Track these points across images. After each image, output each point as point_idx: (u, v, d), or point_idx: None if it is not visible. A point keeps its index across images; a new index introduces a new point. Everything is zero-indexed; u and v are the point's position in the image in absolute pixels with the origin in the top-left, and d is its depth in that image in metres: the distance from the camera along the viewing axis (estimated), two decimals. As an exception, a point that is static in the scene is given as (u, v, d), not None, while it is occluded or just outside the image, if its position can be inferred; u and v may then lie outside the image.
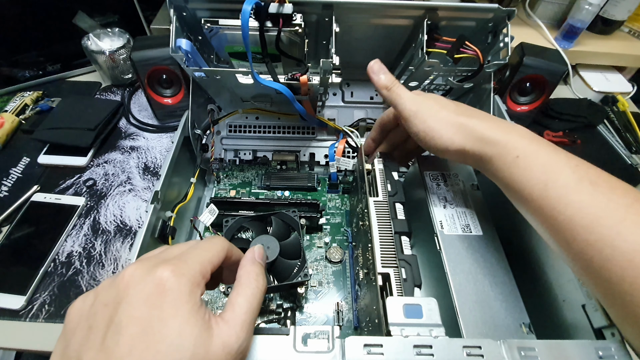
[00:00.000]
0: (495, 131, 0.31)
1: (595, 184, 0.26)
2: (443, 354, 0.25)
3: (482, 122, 0.32)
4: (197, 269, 0.23)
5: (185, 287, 0.21)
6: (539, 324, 0.32)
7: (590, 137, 0.73)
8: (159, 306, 0.20)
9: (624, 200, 0.25)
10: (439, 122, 0.34)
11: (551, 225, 0.28)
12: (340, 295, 0.47)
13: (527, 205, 0.29)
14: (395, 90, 0.37)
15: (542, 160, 0.29)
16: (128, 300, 0.20)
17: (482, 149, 0.31)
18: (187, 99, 0.52)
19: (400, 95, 0.37)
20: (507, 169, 0.30)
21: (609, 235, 0.24)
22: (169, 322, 0.20)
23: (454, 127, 0.33)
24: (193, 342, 0.20)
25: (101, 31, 0.73)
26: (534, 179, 0.28)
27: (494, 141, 0.31)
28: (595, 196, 0.26)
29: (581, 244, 0.25)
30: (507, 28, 0.43)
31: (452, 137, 0.33)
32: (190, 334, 0.20)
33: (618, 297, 0.24)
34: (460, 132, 0.33)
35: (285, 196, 0.57)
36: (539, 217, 0.29)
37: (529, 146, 0.30)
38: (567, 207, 0.26)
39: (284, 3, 0.38)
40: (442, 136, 0.33)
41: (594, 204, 0.25)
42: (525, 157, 0.29)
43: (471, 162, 0.34)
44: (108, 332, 0.20)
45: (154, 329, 0.19)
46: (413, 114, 0.35)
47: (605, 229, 0.24)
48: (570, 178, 0.27)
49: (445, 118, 0.34)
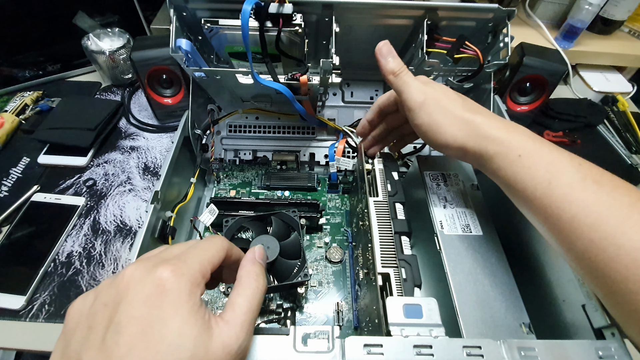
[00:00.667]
0: (499, 129, 0.31)
1: (599, 183, 0.26)
2: (443, 354, 0.25)
3: (487, 119, 0.32)
4: (196, 268, 0.23)
5: (185, 287, 0.21)
6: (539, 324, 0.32)
7: (590, 137, 0.73)
8: (158, 306, 0.20)
9: (628, 199, 0.25)
10: (445, 117, 0.33)
11: (554, 224, 0.27)
12: (340, 295, 0.47)
13: (530, 204, 0.29)
14: (403, 77, 0.35)
15: (545, 159, 0.29)
16: (128, 300, 0.20)
17: (484, 147, 0.31)
18: (187, 99, 0.52)
19: (408, 83, 0.35)
20: (509, 168, 0.30)
21: (614, 233, 0.24)
22: (168, 322, 0.20)
23: (459, 123, 0.32)
24: (193, 342, 0.20)
25: (101, 31, 0.73)
26: (537, 177, 0.28)
27: (497, 139, 0.31)
28: (599, 195, 0.26)
29: (585, 242, 0.25)
30: (507, 28, 0.43)
31: (456, 133, 0.32)
32: (190, 334, 0.20)
33: (622, 295, 0.24)
34: (464, 129, 0.32)
35: (285, 196, 0.57)
36: (541, 216, 0.29)
37: (531, 145, 0.30)
38: (571, 206, 0.26)
39: (284, 3, 0.38)
40: (446, 132, 0.33)
41: (598, 202, 0.25)
42: (528, 155, 0.29)
43: (470, 160, 0.34)
44: (108, 332, 0.19)
45: (154, 328, 0.19)
46: (418, 106, 0.34)
47: (610, 227, 0.24)
48: (574, 177, 0.27)
49: (452, 113, 0.33)
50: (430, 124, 0.33)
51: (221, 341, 0.21)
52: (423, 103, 0.34)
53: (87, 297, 0.22)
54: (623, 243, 0.23)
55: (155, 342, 0.19)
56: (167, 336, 0.19)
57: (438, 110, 0.33)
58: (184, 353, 0.19)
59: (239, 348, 0.22)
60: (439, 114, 0.33)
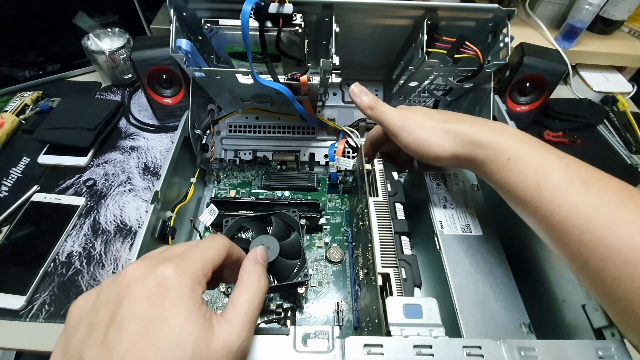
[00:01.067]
0: (484, 133, 0.31)
1: (587, 183, 0.26)
2: (443, 354, 0.25)
3: (470, 125, 0.33)
4: (198, 267, 0.23)
5: (187, 285, 0.21)
6: (539, 324, 0.32)
7: (590, 137, 0.73)
8: (160, 303, 0.20)
9: (617, 197, 0.25)
10: (426, 132, 0.34)
11: (546, 226, 0.28)
12: (340, 295, 0.47)
13: (522, 206, 0.29)
14: (379, 108, 0.38)
15: (533, 162, 0.29)
16: (130, 297, 0.20)
17: (474, 152, 0.32)
18: (187, 99, 0.52)
19: (384, 112, 0.38)
20: (500, 172, 0.30)
21: (603, 234, 0.24)
22: (170, 320, 0.20)
23: (442, 134, 0.34)
24: (194, 340, 0.20)
25: (101, 31, 0.73)
26: (526, 181, 0.28)
27: (484, 144, 0.31)
28: (588, 196, 0.26)
29: (576, 244, 0.25)
30: (507, 28, 0.43)
31: (442, 144, 0.33)
32: (192, 332, 0.20)
33: (615, 296, 0.24)
34: (450, 138, 0.33)
35: (285, 196, 0.57)
36: (534, 218, 0.29)
37: (519, 147, 0.30)
38: (561, 208, 0.26)
39: (284, 3, 0.38)
40: (432, 145, 0.34)
41: (586, 203, 0.25)
42: (517, 159, 0.29)
43: (466, 166, 0.34)
44: (110, 329, 0.20)
45: (156, 326, 0.19)
46: (400, 128, 0.36)
47: (599, 228, 0.24)
48: (562, 179, 0.27)
49: (432, 127, 0.34)
50: (416, 142, 0.35)
51: (222, 339, 0.21)
52: (403, 125, 0.36)
53: (89, 295, 0.23)
54: (613, 244, 0.23)
55: (157, 339, 0.19)
56: (168, 333, 0.20)
57: (419, 127, 0.35)
58: (185, 350, 0.20)
59: (240, 346, 0.22)
60: (421, 130, 0.35)
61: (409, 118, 0.36)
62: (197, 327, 0.20)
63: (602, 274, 0.24)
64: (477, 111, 0.53)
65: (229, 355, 0.21)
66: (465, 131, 0.32)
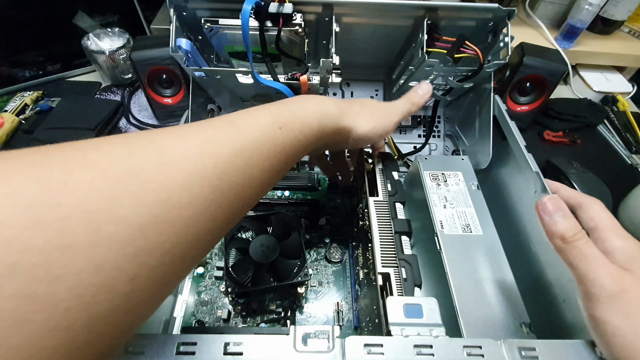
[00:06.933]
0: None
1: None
2: (443, 354, 0.25)
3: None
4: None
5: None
6: (539, 324, 0.32)
7: (590, 137, 0.73)
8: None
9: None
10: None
11: None
12: (340, 295, 0.47)
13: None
14: (580, 248, 0.24)
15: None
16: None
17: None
18: (187, 99, 0.52)
19: (589, 258, 0.24)
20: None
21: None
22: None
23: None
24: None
25: (101, 31, 0.73)
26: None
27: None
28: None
29: None
30: (507, 28, 0.43)
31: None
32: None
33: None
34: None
35: (285, 196, 0.57)
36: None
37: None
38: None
39: (284, 3, 0.38)
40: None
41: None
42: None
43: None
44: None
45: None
46: (608, 298, 0.23)
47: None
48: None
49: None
50: (628, 332, 0.22)
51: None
52: (617, 296, 0.23)
53: None
54: None
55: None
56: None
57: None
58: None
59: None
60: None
61: (630, 288, 0.23)
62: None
63: None
64: (477, 111, 0.53)
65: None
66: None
